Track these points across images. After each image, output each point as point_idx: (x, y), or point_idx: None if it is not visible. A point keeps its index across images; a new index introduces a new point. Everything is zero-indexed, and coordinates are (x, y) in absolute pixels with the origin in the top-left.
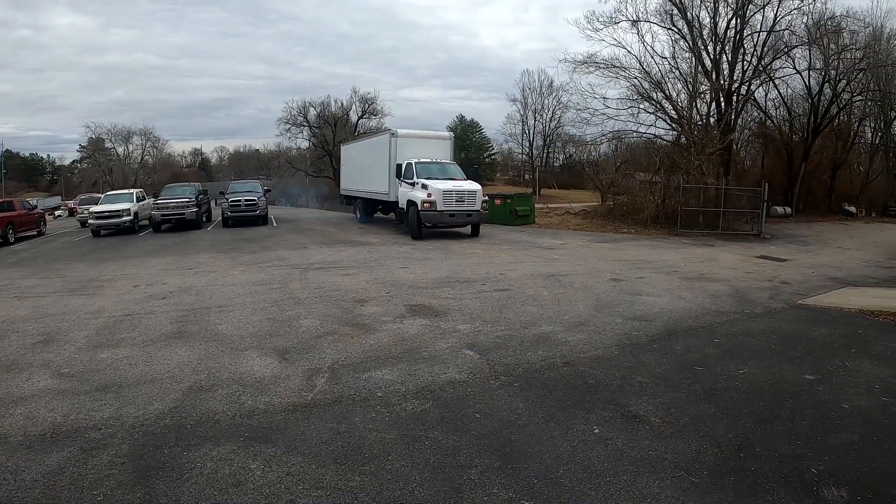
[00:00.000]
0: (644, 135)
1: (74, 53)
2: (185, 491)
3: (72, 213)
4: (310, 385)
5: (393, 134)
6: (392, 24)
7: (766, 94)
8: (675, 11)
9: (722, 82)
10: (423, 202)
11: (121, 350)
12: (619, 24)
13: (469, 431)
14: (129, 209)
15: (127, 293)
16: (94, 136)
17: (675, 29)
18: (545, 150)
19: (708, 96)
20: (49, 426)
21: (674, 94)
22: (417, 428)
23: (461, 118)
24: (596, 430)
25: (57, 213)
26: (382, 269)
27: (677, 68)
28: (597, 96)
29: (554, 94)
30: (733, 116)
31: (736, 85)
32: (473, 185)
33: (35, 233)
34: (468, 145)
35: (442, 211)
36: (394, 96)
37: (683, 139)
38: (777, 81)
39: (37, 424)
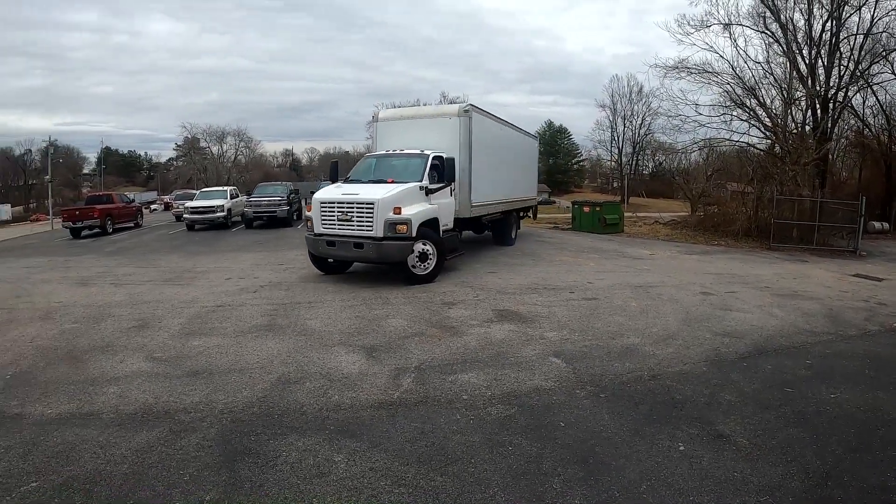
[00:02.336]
0: (737, 143)
1: (170, 57)
2: (269, 478)
3: (167, 207)
4: (396, 384)
5: (375, 118)
6: (477, 29)
7: (864, 101)
8: (768, 14)
9: (818, 88)
10: (306, 220)
11: (212, 339)
12: (711, 28)
13: (553, 440)
14: (222, 205)
15: (219, 285)
16: (189, 136)
17: (769, 32)
18: (634, 158)
19: (803, 103)
20: (140, 406)
21: (768, 101)
22: (502, 433)
23: (549, 123)
24: (681, 448)
25: (153, 207)
26: (471, 274)
27: (771, 74)
28: (688, 102)
29: (644, 100)
30: (829, 125)
31: (832, 91)
32: (383, 192)
33: (132, 225)
34: (556, 151)
35: (319, 235)
36: (481, 101)
37: (777, 148)
38: (875, 87)
39: (129, 404)
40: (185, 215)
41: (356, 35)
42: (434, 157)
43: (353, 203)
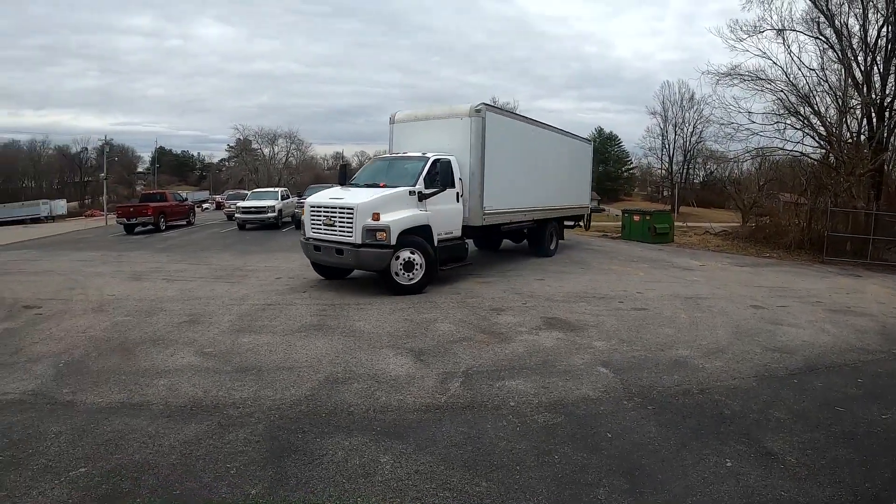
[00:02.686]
0: (790, 153)
1: (221, 61)
2: (315, 475)
3: (219, 206)
4: (443, 388)
5: (391, 119)
6: (525, 34)
7: None
8: (822, 19)
9: (874, 96)
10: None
11: (262, 336)
12: (763, 34)
13: (599, 450)
14: (273, 206)
15: (269, 284)
16: (241, 137)
17: (823, 38)
18: (685, 166)
19: (858, 112)
20: (189, 399)
21: (822, 109)
22: (548, 441)
23: (600, 130)
24: (728, 464)
25: (204, 205)
26: (520, 280)
27: (826, 81)
28: (741, 110)
29: (695, 107)
30: (886, 134)
31: (889, 99)
32: (364, 198)
33: (185, 223)
34: (606, 158)
35: (308, 239)
36: (530, 106)
37: (832, 158)
38: None
39: (178, 396)
40: (236, 215)
41: (404, 40)
42: (434, 161)
43: (335, 208)
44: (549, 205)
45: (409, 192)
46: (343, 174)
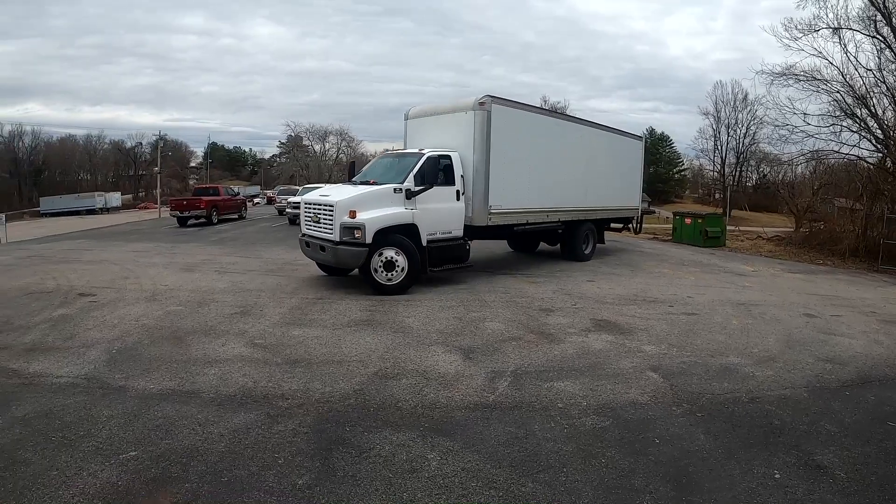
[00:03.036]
0: (846, 156)
1: (273, 59)
2: (362, 469)
3: (270, 201)
4: (492, 387)
5: (405, 116)
6: (576, 34)
7: None
8: (879, 17)
9: None
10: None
11: (312, 330)
12: (819, 32)
13: (646, 455)
14: None
15: (319, 278)
16: (293, 134)
17: (880, 37)
18: (737, 169)
19: None
20: (239, 389)
21: (879, 111)
22: (595, 444)
23: (651, 131)
24: (776, 475)
25: (256, 200)
26: (570, 281)
27: (883, 82)
28: (796, 111)
29: (748, 108)
30: None
31: None
32: (345, 195)
33: (237, 217)
34: (658, 160)
35: (302, 235)
36: (581, 106)
37: (889, 162)
38: None
39: (228, 385)
40: (287, 210)
41: (455, 39)
42: (428, 158)
43: (320, 205)
44: (581, 205)
45: (395, 189)
46: (351, 171)
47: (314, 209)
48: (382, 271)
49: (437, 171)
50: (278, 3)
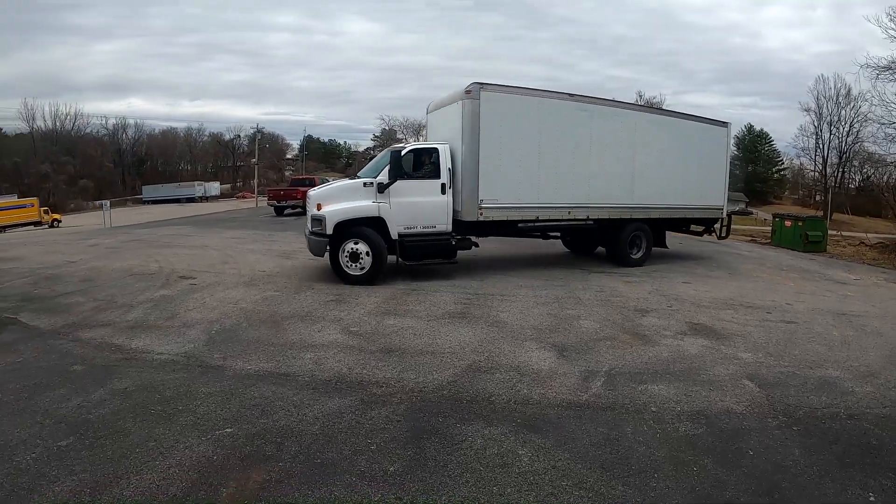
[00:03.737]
0: None
1: (365, 55)
2: (453, 459)
3: None
4: (585, 386)
5: (427, 109)
6: (669, 26)
7: None
8: None
9: None
10: None
11: (406, 320)
12: None
13: (739, 467)
14: None
15: (413, 269)
16: (387, 128)
17: None
18: (840, 169)
19: None
20: (334, 374)
21: None
22: (687, 451)
23: (749, 128)
24: (871, 498)
25: None
26: (665, 282)
27: None
28: None
29: (851, 104)
30: None
31: None
32: (320, 188)
33: None
34: (756, 158)
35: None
36: (676, 101)
37: None
38: None
39: (323, 370)
40: None
41: (545, 33)
42: (401, 151)
43: (308, 198)
44: (623, 202)
45: (364, 182)
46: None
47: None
48: (348, 261)
49: (421, 165)
50: (369, 1)
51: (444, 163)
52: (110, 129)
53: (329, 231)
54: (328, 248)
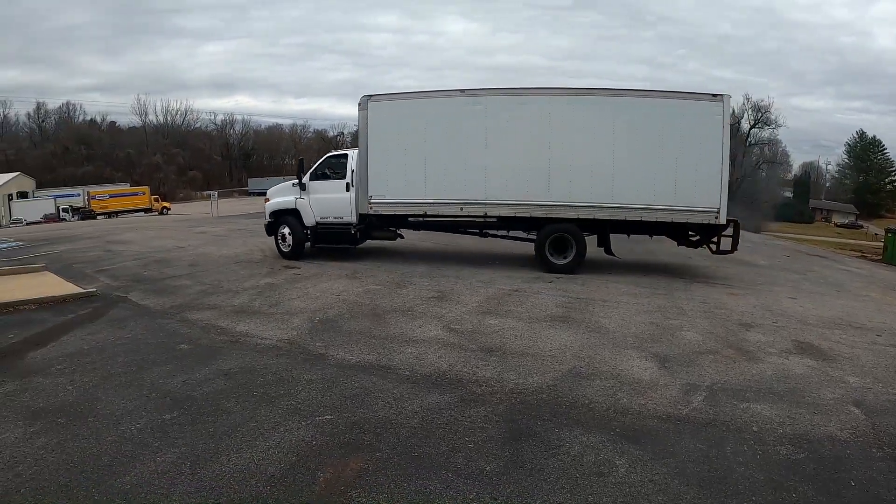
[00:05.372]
0: None
1: (466, 55)
2: (549, 464)
3: None
4: (686, 399)
5: None
6: (775, 24)
7: None
8: None
9: None
10: None
11: (507, 321)
12: None
13: (840, 497)
14: None
15: (516, 270)
16: None
17: None
18: None
19: None
20: (434, 370)
21: None
22: (788, 476)
23: (861, 134)
24: None
25: None
26: (770, 296)
27: None
28: None
29: None
30: None
31: None
32: (270, 189)
33: None
34: (868, 167)
35: None
36: (782, 104)
37: None
38: None
39: (424, 366)
40: None
41: (647, 32)
42: (330, 156)
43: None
44: (538, 199)
45: (293, 183)
46: (300, 168)
47: None
48: (280, 241)
49: (336, 167)
50: (469, 1)
51: (350, 165)
52: (219, 125)
53: (269, 218)
54: (271, 230)
